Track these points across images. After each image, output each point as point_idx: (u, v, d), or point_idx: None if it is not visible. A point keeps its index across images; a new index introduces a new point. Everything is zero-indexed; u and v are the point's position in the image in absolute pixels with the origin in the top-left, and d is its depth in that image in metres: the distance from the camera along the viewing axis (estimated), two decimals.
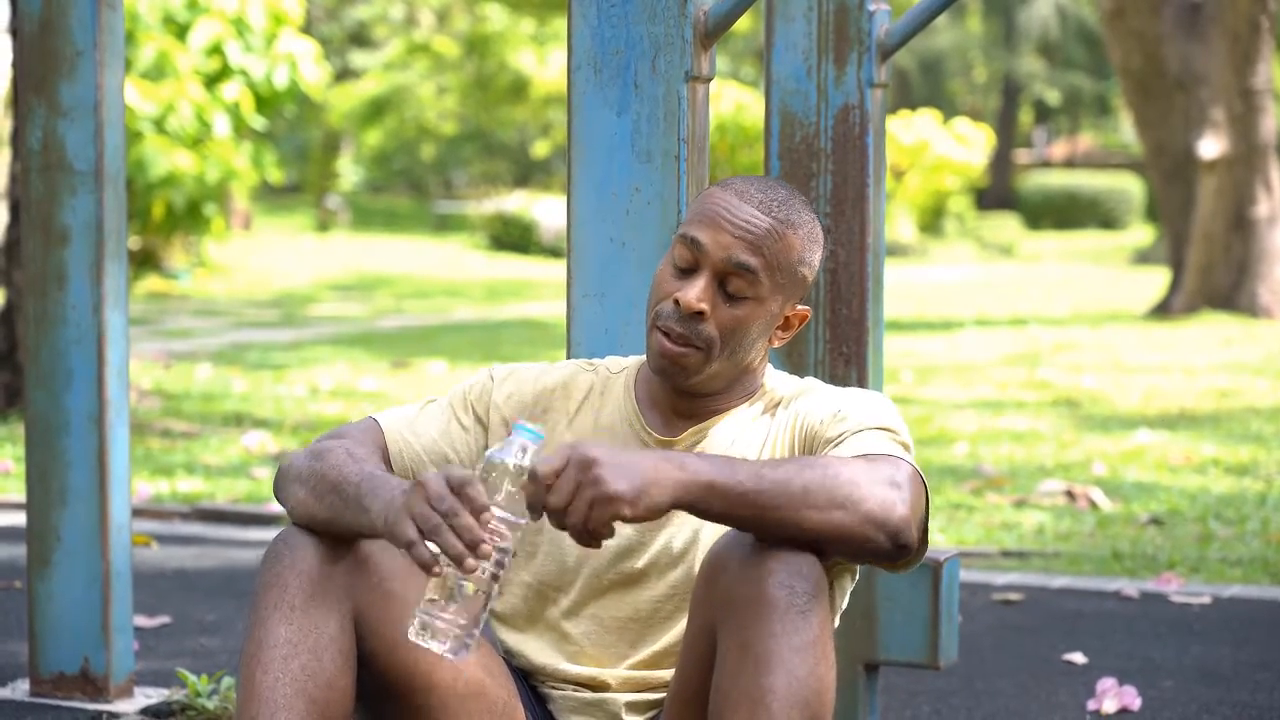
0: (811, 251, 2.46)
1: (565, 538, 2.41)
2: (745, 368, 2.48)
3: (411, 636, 2.17)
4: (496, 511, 2.15)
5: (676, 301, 2.40)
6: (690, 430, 2.47)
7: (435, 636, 2.16)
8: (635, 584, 2.45)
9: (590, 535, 2.14)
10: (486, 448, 2.50)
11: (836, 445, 2.35)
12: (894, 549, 2.23)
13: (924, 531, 2.31)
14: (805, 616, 2.19)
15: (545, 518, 2.16)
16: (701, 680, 2.27)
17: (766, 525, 2.19)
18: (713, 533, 2.41)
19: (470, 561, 2.12)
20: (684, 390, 2.46)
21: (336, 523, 2.31)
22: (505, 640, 2.53)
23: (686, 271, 2.42)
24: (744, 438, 2.47)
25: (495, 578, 2.16)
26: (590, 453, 2.13)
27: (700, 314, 2.39)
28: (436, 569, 2.13)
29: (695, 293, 2.39)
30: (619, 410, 2.51)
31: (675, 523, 2.44)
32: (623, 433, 2.49)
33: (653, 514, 2.14)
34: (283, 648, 2.28)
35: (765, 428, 2.47)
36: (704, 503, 2.17)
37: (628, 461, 2.14)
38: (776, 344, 2.50)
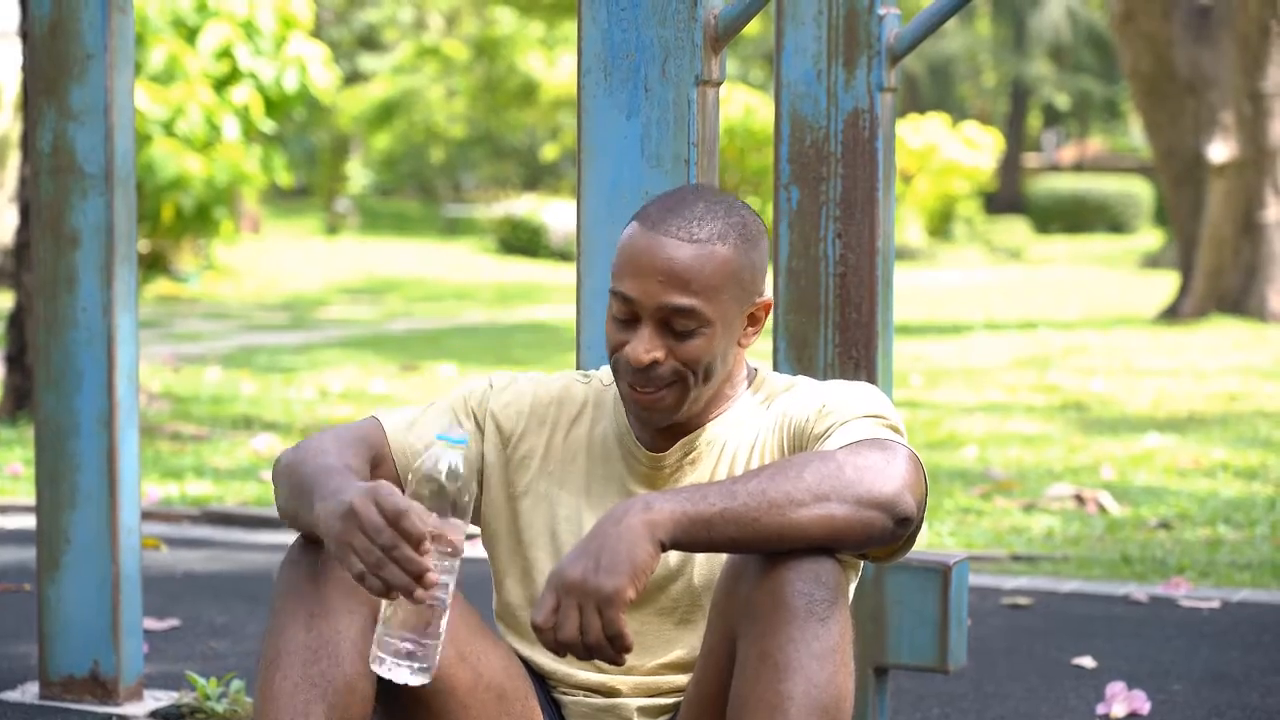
0: (747, 251, 2.39)
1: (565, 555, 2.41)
2: (725, 379, 2.46)
3: (374, 667, 2.18)
4: (434, 520, 2.14)
5: (630, 362, 2.37)
6: (679, 444, 2.46)
7: (398, 660, 2.16)
8: (636, 599, 2.44)
9: (613, 645, 2.13)
10: (483, 455, 2.51)
11: (825, 439, 2.33)
12: (896, 524, 2.21)
13: (921, 509, 2.28)
14: (825, 624, 2.18)
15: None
16: (719, 686, 2.27)
17: (759, 537, 2.17)
18: None
19: (420, 592, 2.13)
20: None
21: (298, 520, 2.32)
22: (518, 649, 2.53)
23: (628, 322, 2.38)
24: (735, 438, 2.46)
25: (447, 587, 2.17)
26: (569, 574, 2.14)
27: (654, 363, 2.36)
28: (391, 595, 2.14)
29: (642, 346, 2.35)
30: (610, 425, 2.51)
31: None
32: (614, 449, 2.49)
33: (649, 573, 2.14)
34: (301, 652, 2.27)
35: (755, 428, 2.46)
36: (688, 535, 2.16)
37: (603, 548, 2.14)
38: (749, 342, 2.46)
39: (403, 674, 2.17)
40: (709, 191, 2.43)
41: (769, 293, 2.48)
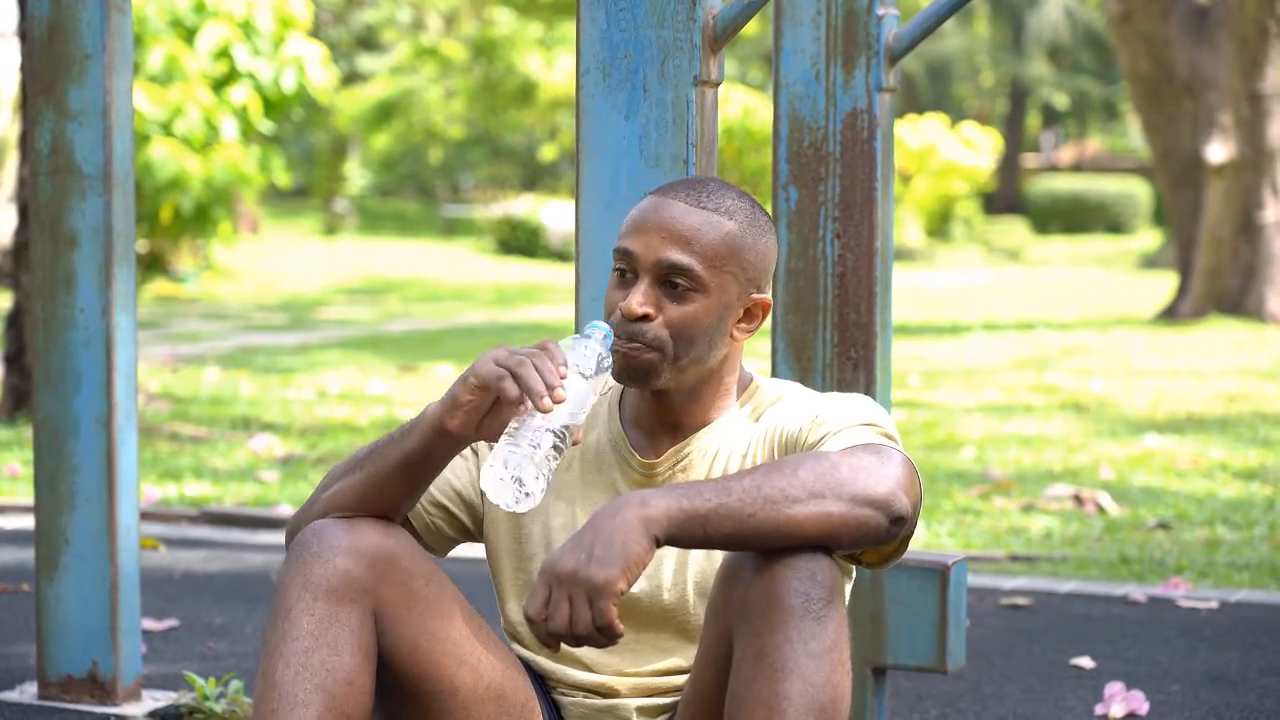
0: (754, 237, 2.43)
1: None
2: (713, 367, 2.45)
3: (483, 484, 2.23)
4: (572, 363, 2.29)
5: (622, 311, 2.40)
6: (672, 449, 2.47)
7: (508, 474, 2.22)
8: (631, 606, 2.45)
9: (602, 633, 2.14)
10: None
11: (819, 448, 2.33)
12: (890, 523, 2.21)
13: (916, 511, 2.28)
14: (821, 622, 2.18)
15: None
16: (716, 686, 2.27)
17: (755, 533, 2.17)
18: (701, 552, 2.41)
19: (547, 402, 2.20)
20: (658, 395, 2.45)
21: (374, 479, 2.35)
22: (517, 652, 2.53)
23: (628, 281, 2.42)
24: (727, 447, 2.46)
25: (566, 431, 2.25)
26: (561, 566, 2.14)
27: (645, 317, 2.39)
28: (523, 405, 2.21)
29: (636, 299, 2.39)
30: (605, 433, 2.52)
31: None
32: (608, 455, 2.50)
33: (643, 567, 2.14)
34: (304, 641, 2.28)
35: (746, 438, 2.46)
36: (683, 531, 2.16)
37: (597, 540, 2.14)
38: (742, 337, 2.46)
39: (506, 495, 2.23)
40: (726, 182, 2.47)
41: (770, 294, 2.49)
